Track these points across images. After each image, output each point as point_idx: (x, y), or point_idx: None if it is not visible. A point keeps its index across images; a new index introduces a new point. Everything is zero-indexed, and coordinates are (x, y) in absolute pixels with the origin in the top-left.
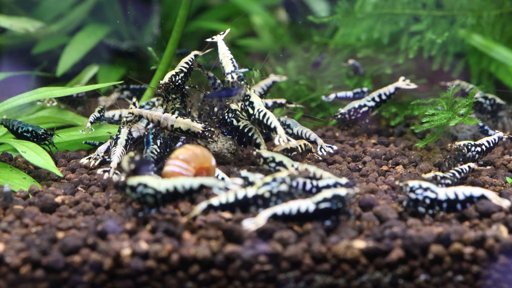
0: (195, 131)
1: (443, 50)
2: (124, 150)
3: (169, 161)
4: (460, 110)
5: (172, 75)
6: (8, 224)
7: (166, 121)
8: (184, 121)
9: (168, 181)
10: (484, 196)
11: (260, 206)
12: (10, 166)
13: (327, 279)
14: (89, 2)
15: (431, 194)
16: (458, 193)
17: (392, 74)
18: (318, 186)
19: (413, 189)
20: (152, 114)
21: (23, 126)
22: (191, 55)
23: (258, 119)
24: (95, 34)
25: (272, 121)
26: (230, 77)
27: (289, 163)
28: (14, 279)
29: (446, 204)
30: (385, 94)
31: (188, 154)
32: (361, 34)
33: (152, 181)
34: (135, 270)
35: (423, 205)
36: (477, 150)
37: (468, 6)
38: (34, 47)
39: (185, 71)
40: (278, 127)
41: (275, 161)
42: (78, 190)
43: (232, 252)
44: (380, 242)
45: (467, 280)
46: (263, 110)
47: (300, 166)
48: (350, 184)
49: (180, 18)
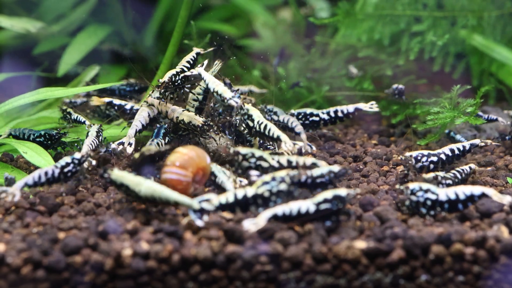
0: (196, 124)
1: (444, 51)
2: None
3: (166, 169)
4: (467, 109)
5: (172, 74)
6: (9, 225)
7: (173, 113)
8: (188, 113)
9: (150, 186)
10: (485, 194)
11: (260, 206)
12: (11, 167)
13: (328, 279)
14: (90, 3)
15: (431, 195)
16: (459, 193)
17: (393, 75)
18: (313, 176)
19: (413, 191)
20: (163, 105)
21: (34, 133)
22: (193, 53)
23: (259, 131)
24: (96, 35)
25: (274, 132)
26: (234, 103)
27: (269, 157)
28: (15, 279)
29: (448, 205)
30: (342, 111)
31: (184, 159)
32: (362, 35)
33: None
34: (136, 270)
35: (424, 206)
36: (431, 160)
37: (469, 6)
38: (35, 47)
39: (186, 71)
40: (281, 135)
41: (255, 156)
42: (79, 190)
43: (233, 253)
44: (381, 242)
45: (468, 280)
46: (263, 122)
47: (281, 158)
48: (343, 171)
49: (181, 19)
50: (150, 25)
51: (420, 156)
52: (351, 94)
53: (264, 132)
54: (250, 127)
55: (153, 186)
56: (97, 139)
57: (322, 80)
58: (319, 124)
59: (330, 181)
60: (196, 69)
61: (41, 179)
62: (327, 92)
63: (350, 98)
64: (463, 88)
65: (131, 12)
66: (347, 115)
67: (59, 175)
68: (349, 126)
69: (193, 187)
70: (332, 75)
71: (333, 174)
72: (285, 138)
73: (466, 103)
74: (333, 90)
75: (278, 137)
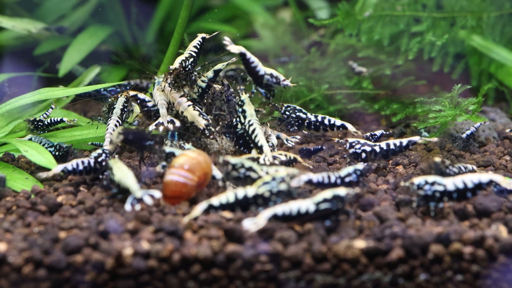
0: (198, 126)
1: (443, 51)
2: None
3: (173, 170)
4: (469, 106)
5: (182, 60)
6: (11, 224)
7: (179, 106)
8: (192, 112)
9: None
10: (493, 181)
11: (260, 205)
12: (13, 167)
13: (328, 278)
14: (91, 3)
15: (439, 187)
16: (467, 181)
17: (392, 75)
18: (341, 176)
19: (420, 186)
20: (172, 94)
21: (48, 142)
22: (199, 38)
23: (247, 131)
24: (97, 35)
25: (259, 139)
26: (289, 83)
27: (259, 168)
28: (17, 278)
29: (456, 194)
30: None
31: (193, 163)
32: (361, 35)
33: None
34: (137, 269)
35: (433, 199)
36: (363, 149)
37: (468, 7)
38: (36, 48)
39: (194, 55)
40: (264, 146)
41: (245, 167)
42: (80, 190)
43: (233, 252)
44: (380, 242)
45: (466, 279)
46: (253, 124)
47: (270, 170)
48: (367, 168)
49: (181, 19)
50: (150, 25)
51: (355, 143)
52: (351, 93)
53: (251, 134)
54: (242, 123)
55: (125, 171)
56: (121, 118)
57: (321, 80)
58: (303, 122)
59: (358, 179)
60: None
61: (78, 167)
62: (326, 90)
63: (349, 96)
64: (464, 88)
65: (131, 13)
66: (332, 126)
67: (94, 164)
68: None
69: (195, 191)
70: (332, 75)
71: (359, 172)
72: (267, 151)
73: (468, 101)
74: (333, 89)
75: (261, 147)
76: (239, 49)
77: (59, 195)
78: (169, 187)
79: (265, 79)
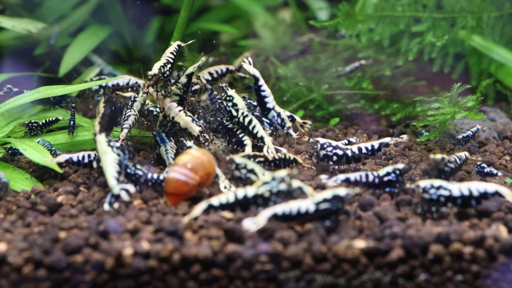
0: (191, 133)
1: (443, 52)
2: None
3: (176, 168)
4: (468, 103)
5: (160, 66)
6: (11, 224)
7: (169, 111)
8: (185, 118)
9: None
10: (498, 193)
11: (260, 205)
12: (13, 167)
13: (328, 278)
14: (91, 3)
15: (444, 192)
16: (472, 189)
17: (392, 75)
18: (379, 175)
19: (425, 189)
20: (161, 100)
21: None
22: (174, 46)
23: (242, 123)
24: (97, 35)
25: (258, 130)
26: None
27: (261, 171)
28: (17, 278)
29: (461, 200)
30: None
31: (196, 163)
32: (362, 36)
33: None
34: (137, 269)
35: (438, 203)
36: (335, 152)
37: (468, 7)
38: (36, 48)
39: (171, 61)
40: (265, 137)
41: (247, 168)
42: (80, 190)
43: (233, 252)
44: (380, 242)
45: (466, 279)
46: (248, 116)
47: (269, 175)
48: (407, 167)
49: (181, 19)
50: (150, 26)
51: (326, 145)
52: (351, 93)
53: (247, 126)
54: (233, 116)
55: (107, 160)
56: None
57: (321, 80)
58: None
59: (397, 178)
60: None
61: (84, 160)
62: (326, 91)
63: (349, 97)
64: (463, 87)
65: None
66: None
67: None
68: (348, 126)
69: (196, 190)
70: (332, 75)
71: (398, 171)
72: (269, 142)
73: (467, 99)
74: (333, 89)
75: (261, 138)
76: (254, 71)
77: (59, 195)
78: (170, 184)
79: (271, 115)
